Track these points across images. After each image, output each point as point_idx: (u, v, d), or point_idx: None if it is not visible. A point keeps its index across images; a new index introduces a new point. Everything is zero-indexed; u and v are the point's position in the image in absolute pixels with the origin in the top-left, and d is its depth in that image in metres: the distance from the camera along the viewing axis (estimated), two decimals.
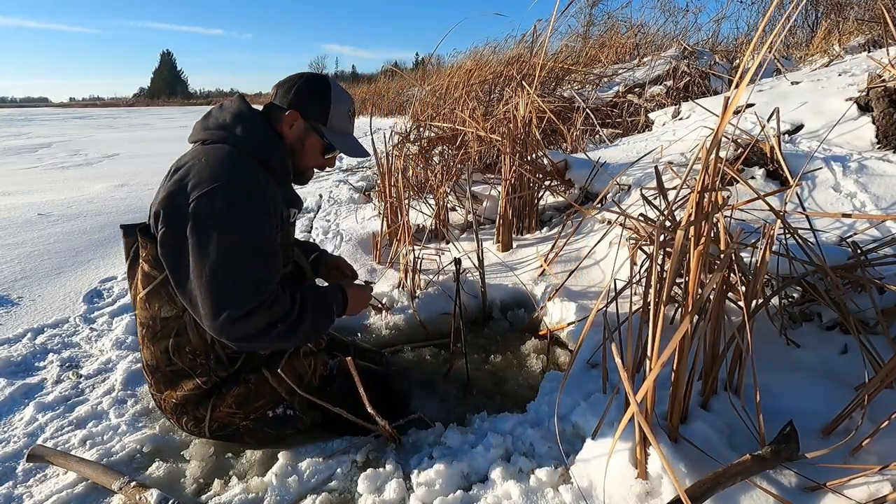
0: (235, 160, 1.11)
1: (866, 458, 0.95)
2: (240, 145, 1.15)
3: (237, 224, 1.05)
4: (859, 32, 4.21)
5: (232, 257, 1.04)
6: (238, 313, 1.03)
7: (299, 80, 1.25)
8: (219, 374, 1.19)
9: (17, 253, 2.79)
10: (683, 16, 6.75)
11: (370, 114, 6.57)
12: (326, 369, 1.35)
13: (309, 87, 1.24)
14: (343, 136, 1.30)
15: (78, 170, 6.19)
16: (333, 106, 1.25)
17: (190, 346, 1.16)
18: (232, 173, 1.08)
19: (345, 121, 1.29)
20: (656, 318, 0.89)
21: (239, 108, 1.21)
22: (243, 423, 1.23)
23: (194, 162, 1.11)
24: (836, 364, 1.22)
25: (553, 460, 1.15)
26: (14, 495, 1.18)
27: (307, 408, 1.28)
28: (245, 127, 1.17)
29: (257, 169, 1.14)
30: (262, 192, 1.11)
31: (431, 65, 9.40)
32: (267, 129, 1.21)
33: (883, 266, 1.31)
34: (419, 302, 1.96)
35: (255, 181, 1.11)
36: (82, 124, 16.44)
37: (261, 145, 1.18)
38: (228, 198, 1.05)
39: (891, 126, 1.97)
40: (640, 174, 2.35)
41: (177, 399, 1.21)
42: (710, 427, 1.05)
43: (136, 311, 1.22)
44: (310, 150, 1.27)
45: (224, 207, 1.05)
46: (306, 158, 1.28)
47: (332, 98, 1.25)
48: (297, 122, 1.23)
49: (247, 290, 1.04)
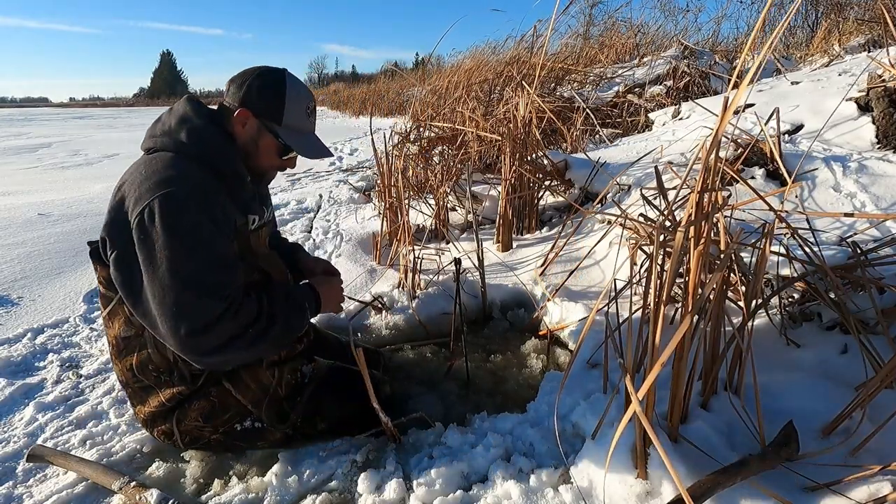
0: (176, 168, 1.05)
1: (866, 458, 0.95)
2: (185, 151, 1.08)
3: (181, 235, 0.99)
4: (859, 32, 4.21)
5: (180, 270, 0.98)
6: (196, 327, 0.97)
7: (252, 75, 1.16)
8: (182, 392, 1.18)
9: (17, 253, 2.79)
10: (683, 16, 6.74)
11: (370, 114, 6.57)
12: (297, 377, 1.30)
13: (262, 84, 1.15)
14: (300, 136, 1.20)
15: (78, 170, 6.19)
16: (289, 103, 1.15)
17: (152, 363, 1.15)
18: (170, 182, 1.01)
19: (302, 119, 1.19)
20: (656, 318, 0.89)
21: (185, 111, 1.13)
22: (213, 437, 1.22)
23: (134, 176, 1.05)
24: (836, 364, 1.22)
25: (553, 460, 1.15)
26: (14, 495, 1.18)
27: (275, 420, 1.24)
28: (190, 131, 1.10)
29: (202, 175, 1.07)
30: (205, 200, 1.04)
31: (431, 64, 9.40)
32: (214, 131, 1.13)
33: (883, 266, 1.31)
34: (419, 302, 1.96)
35: (196, 188, 1.04)
36: (82, 124, 16.44)
37: (207, 149, 1.10)
38: (168, 209, 0.99)
39: (891, 126, 1.97)
40: (640, 174, 2.35)
41: (145, 415, 1.22)
42: (710, 427, 1.05)
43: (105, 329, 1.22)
44: (264, 150, 1.18)
45: (165, 220, 0.98)
46: (261, 160, 1.20)
47: (287, 94, 1.15)
48: (248, 120, 1.15)
49: (201, 302, 0.98)
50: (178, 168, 1.05)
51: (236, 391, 1.20)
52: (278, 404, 1.25)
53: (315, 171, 5.72)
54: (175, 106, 1.16)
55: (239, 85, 1.16)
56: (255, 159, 1.19)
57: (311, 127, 1.24)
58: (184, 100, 1.17)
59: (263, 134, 1.17)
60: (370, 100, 13.53)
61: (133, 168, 1.10)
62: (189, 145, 1.09)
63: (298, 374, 1.31)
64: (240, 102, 1.15)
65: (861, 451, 0.96)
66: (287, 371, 1.28)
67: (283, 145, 1.18)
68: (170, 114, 1.15)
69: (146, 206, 0.99)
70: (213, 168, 1.10)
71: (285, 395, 1.26)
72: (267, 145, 1.18)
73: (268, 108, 1.15)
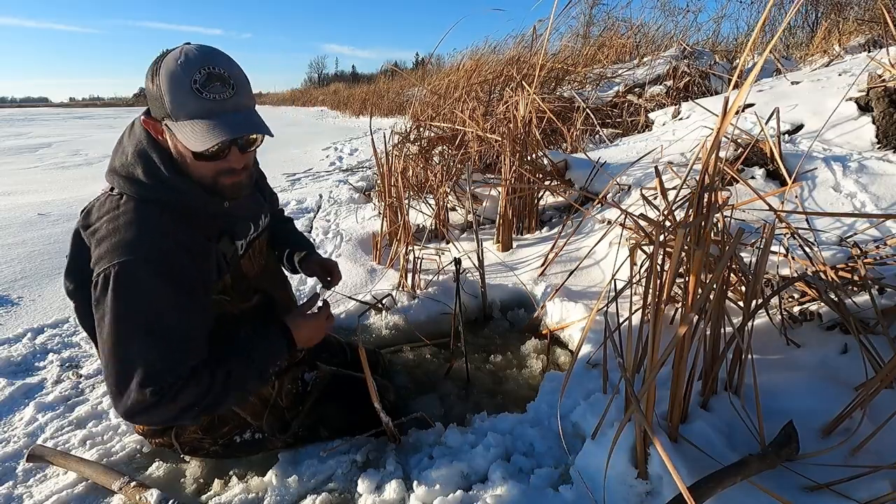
0: (137, 226, 0.93)
1: (866, 458, 0.95)
2: (145, 196, 0.95)
3: (129, 312, 0.90)
4: (859, 32, 4.21)
5: (119, 351, 0.90)
6: (131, 409, 0.90)
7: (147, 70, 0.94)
8: None
9: (17, 253, 2.79)
10: (683, 16, 6.74)
11: (370, 114, 6.56)
12: (298, 386, 1.28)
13: (147, 75, 0.91)
14: (193, 123, 0.89)
15: (78, 170, 6.19)
16: (165, 84, 0.87)
17: None
18: (129, 247, 0.91)
19: (190, 98, 0.87)
20: (656, 318, 0.89)
21: (139, 140, 0.97)
22: (213, 448, 1.21)
23: (100, 224, 0.95)
24: (836, 364, 1.22)
25: (553, 460, 1.15)
26: (14, 495, 1.18)
27: (276, 430, 1.23)
28: (146, 168, 0.95)
29: (168, 224, 0.95)
30: (167, 266, 0.93)
31: (432, 64, 9.40)
32: (168, 163, 0.96)
33: (883, 266, 1.31)
34: (419, 302, 1.96)
35: (157, 253, 0.92)
36: (82, 124, 16.44)
37: (167, 190, 0.95)
38: (122, 280, 0.89)
39: (891, 126, 1.97)
40: (640, 174, 2.35)
41: (143, 429, 1.21)
42: (710, 427, 1.05)
43: None
44: (186, 158, 0.95)
45: (117, 291, 0.89)
46: (195, 169, 0.96)
47: (161, 75, 0.88)
48: (158, 127, 0.95)
49: (137, 389, 0.89)
50: (139, 226, 0.93)
51: (236, 405, 1.19)
52: (280, 414, 1.24)
53: (315, 172, 5.72)
54: (135, 127, 1.00)
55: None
56: (191, 172, 0.97)
57: (212, 105, 0.89)
58: (143, 117, 0.97)
59: (174, 137, 0.93)
60: (370, 100, 13.52)
61: (99, 209, 0.98)
62: (149, 187, 0.95)
63: (300, 383, 1.29)
64: (146, 113, 0.96)
65: (861, 451, 0.96)
66: (288, 381, 1.27)
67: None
68: (130, 136, 1.00)
69: (103, 272, 0.91)
70: (179, 210, 0.97)
71: (287, 405, 1.25)
72: (181, 151, 0.95)
73: (154, 103, 0.91)
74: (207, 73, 0.88)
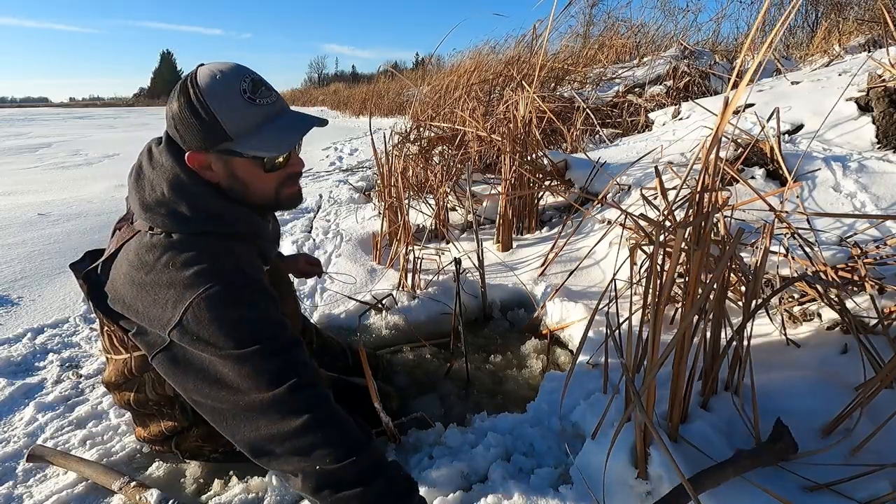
0: (201, 253, 0.89)
1: (866, 458, 0.95)
2: (194, 230, 0.91)
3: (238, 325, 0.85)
4: (859, 32, 4.21)
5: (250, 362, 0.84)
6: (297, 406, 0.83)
7: (171, 108, 0.91)
8: (182, 425, 1.14)
9: (17, 253, 2.79)
10: (683, 16, 6.75)
11: (370, 114, 6.57)
12: None
13: (181, 114, 0.89)
14: (262, 132, 0.89)
15: (78, 170, 6.20)
16: (215, 106, 0.86)
17: (152, 400, 1.11)
18: (208, 274, 0.87)
19: (248, 109, 0.87)
20: (656, 318, 0.89)
21: (174, 172, 0.92)
22: (213, 455, 1.20)
23: (158, 270, 0.88)
24: (836, 364, 1.22)
25: (553, 460, 1.15)
26: (14, 495, 1.18)
27: None
28: (191, 202, 0.91)
29: (227, 249, 0.92)
30: (249, 277, 0.91)
31: (432, 65, 9.40)
32: (213, 194, 0.93)
33: (883, 266, 1.31)
34: (419, 302, 1.96)
35: (236, 268, 0.90)
36: (82, 124, 16.44)
37: (214, 221, 0.92)
38: (217, 302, 0.85)
39: (891, 126, 1.97)
40: (640, 174, 2.35)
41: (143, 438, 1.20)
42: (710, 427, 1.05)
43: None
44: (249, 178, 0.94)
45: (216, 314, 0.85)
46: (256, 189, 0.96)
47: (207, 99, 0.86)
48: (205, 159, 0.92)
49: (283, 383, 0.83)
50: (201, 255, 0.89)
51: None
52: None
53: (315, 172, 5.72)
54: (157, 157, 0.95)
55: (172, 128, 0.92)
56: (251, 193, 0.96)
57: (268, 110, 0.90)
58: (166, 149, 0.94)
59: (231, 162, 0.92)
60: (370, 100, 13.53)
61: (139, 249, 0.91)
62: (197, 222, 0.91)
63: None
64: (182, 147, 0.92)
65: (861, 451, 0.96)
66: None
67: (254, 158, 0.92)
68: (153, 169, 0.94)
69: (187, 309, 0.85)
70: (236, 237, 0.96)
71: None
72: (245, 171, 0.93)
73: (204, 133, 0.88)
74: (251, 80, 0.89)
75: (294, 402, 0.83)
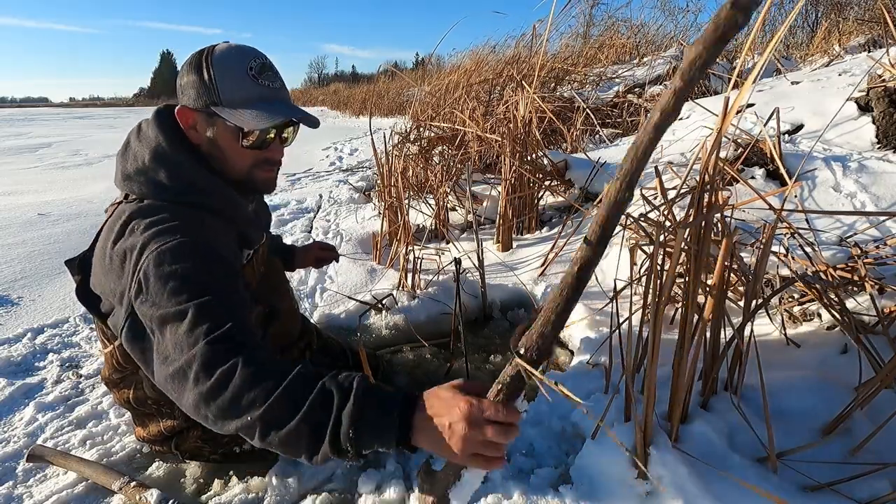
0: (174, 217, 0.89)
1: (866, 457, 0.95)
2: (171, 199, 0.92)
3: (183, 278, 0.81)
4: (859, 32, 4.21)
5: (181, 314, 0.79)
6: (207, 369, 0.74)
7: (183, 67, 0.95)
8: (181, 425, 1.15)
9: (17, 253, 2.79)
10: (683, 16, 6.76)
11: (370, 114, 6.57)
12: None
13: (187, 68, 0.93)
14: (249, 108, 0.91)
15: (78, 170, 6.20)
16: (219, 71, 0.90)
17: (151, 399, 1.11)
18: (175, 230, 0.86)
19: (247, 84, 0.91)
20: (656, 318, 0.89)
21: (157, 140, 0.94)
22: (213, 456, 1.21)
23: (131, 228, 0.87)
24: (836, 364, 1.22)
25: (553, 460, 1.15)
26: (14, 495, 1.18)
27: None
28: (170, 171, 0.92)
29: (201, 219, 0.92)
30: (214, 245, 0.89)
31: (432, 65, 9.40)
32: (195, 166, 0.95)
33: (883, 266, 1.31)
34: (419, 302, 1.96)
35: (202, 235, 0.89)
36: (82, 124, 16.44)
37: (191, 192, 0.93)
38: (173, 255, 0.83)
39: (891, 126, 1.97)
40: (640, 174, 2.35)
41: (143, 438, 1.21)
42: (710, 427, 1.05)
43: None
44: (228, 148, 0.95)
45: (167, 265, 0.81)
46: (233, 161, 0.97)
47: (214, 62, 0.91)
48: (192, 118, 0.94)
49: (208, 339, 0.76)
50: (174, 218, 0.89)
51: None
52: None
53: (315, 172, 5.72)
54: (144, 129, 0.98)
55: (179, 84, 0.96)
56: (226, 165, 0.97)
57: (265, 92, 0.93)
58: (151, 122, 0.97)
59: (215, 126, 0.94)
60: (370, 100, 13.53)
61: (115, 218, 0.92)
62: (174, 191, 0.92)
63: None
64: (181, 103, 0.95)
65: (861, 451, 0.96)
66: None
67: (235, 127, 0.93)
68: (139, 141, 0.97)
69: (147, 258, 0.83)
70: (210, 210, 0.95)
71: None
72: (225, 139, 0.95)
73: (199, 91, 0.91)
74: (261, 63, 0.94)
75: (217, 355, 0.74)
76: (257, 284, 1.19)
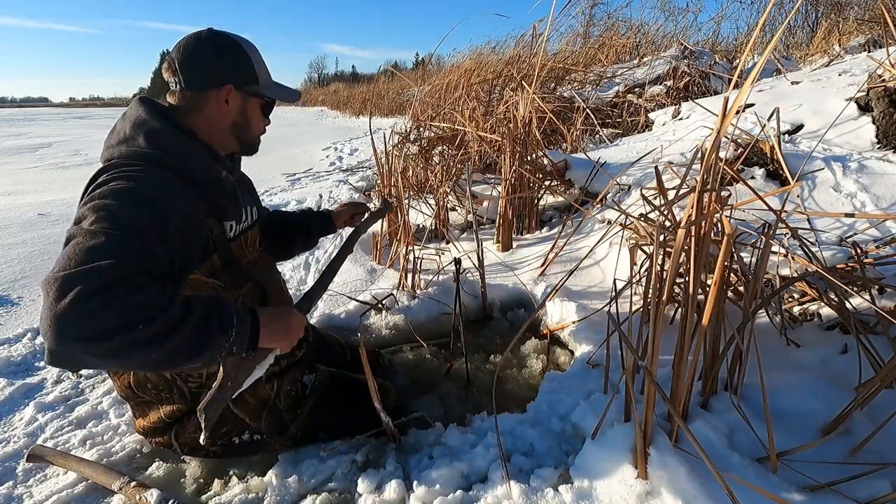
0: (144, 172, 0.92)
1: (866, 457, 0.95)
2: (147, 159, 0.95)
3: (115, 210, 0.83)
4: (859, 32, 4.21)
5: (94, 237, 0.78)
6: (81, 295, 0.71)
7: (199, 51, 1.04)
8: (181, 409, 1.16)
9: (17, 253, 2.79)
10: (683, 16, 6.76)
11: (370, 114, 6.57)
12: (297, 388, 1.27)
13: (218, 52, 1.05)
14: (273, 85, 1.17)
15: (78, 170, 6.20)
16: (253, 56, 1.10)
17: (151, 382, 1.13)
18: (134, 177, 0.90)
19: (264, 68, 1.15)
20: (656, 318, 0.89)
21: (139, 115, 1.01)
22: (212, 448, 1.21)
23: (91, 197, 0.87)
24: (836, 364, 1.22)
25: (553, 460, 1.15)
26: (14, 495, 1.18)
27: (275, 432, 1.22)
28: (148, 134, 0.98)
29: (172, 181, 0.94)
30: (169, 200, 0.91)
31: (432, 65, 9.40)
32: (175, 133, 1.00)
33: (883, 266, 1.31)
34: (419, 302, 1.96)
35: (161, 189, 0.91)
36: (82, 124, 16.44)
37: (172, 154, 0.98)
38: (118, 192, 0.86)
39: (891, 126, 1.97)
40: (640, 174, 2.35)
41: (143, 427, 1.20)
42: (710, 427, 1.05)
43: None
44: (254, 119, 1.14)
45: (110, 194, 0.85)
46: (252, 129, 1.16)
47: (247, 50, 1.09)
48: (230, 95, 1.08)
49: (95, 265, 0.74)
50: (143, 172, 0.92)
51: (234, 406, 1.18)
52: (278, 416, 1.23)
53: (315, 171, 5.72)
54: (128, 110, 1.04)
55: (189, 67, 1.04)
56: (246, 132, 1.15)
57: (268, 73, 1.18)
58: (135, 102, 1.05)
59: (248, 101, 1.12)
60: (370, 100, 13.52)
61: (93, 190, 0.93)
62: (151, 152, 0.96)
63: (299, 385, 1.28)
64: (213, 82, 1.05)
65: (861, 450, 0.96)
66: (287, 382, 1.26)
67: (266, 103, 1.15)
68: (123, 119, 1.03)
69: (100, 185, 0.88)
70: (182, 175, 0.97)
71: (285, 407, 1.24)
72: (253, 111, 1.14)
73: (243, 75, 1.09)
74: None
75: (103, 278, 0.74)
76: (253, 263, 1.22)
